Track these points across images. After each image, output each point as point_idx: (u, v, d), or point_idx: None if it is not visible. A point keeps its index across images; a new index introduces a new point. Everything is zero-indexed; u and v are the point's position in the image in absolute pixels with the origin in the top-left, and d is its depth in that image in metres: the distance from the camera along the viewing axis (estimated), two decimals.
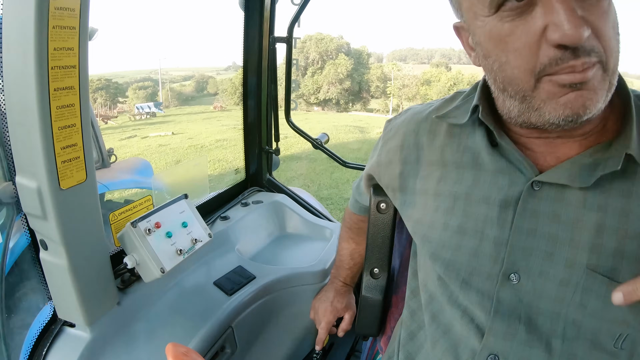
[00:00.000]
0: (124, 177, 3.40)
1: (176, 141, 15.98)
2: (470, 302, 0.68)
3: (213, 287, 1.23)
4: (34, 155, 0.78)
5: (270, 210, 1.70)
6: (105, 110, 41.29)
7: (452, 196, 0.70)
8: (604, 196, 0.59)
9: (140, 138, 18.28)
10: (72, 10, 0.74)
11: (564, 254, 0.60)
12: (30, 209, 0.85)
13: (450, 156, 0.72)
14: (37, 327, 0.96)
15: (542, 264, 0.62)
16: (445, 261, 0.70)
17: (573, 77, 0.51)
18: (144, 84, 54.74)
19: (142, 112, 33.94)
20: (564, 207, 0.60)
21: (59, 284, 0.92)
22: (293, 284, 1.34)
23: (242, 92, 1.69)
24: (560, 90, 0.52)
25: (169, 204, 1.13)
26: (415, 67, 56.36)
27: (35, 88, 0.73)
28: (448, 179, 0.71)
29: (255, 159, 1.81)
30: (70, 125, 0.80)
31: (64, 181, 0.82)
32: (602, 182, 0.58)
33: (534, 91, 0.54)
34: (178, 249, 1.08)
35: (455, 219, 0.69)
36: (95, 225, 0.93)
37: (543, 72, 0.52)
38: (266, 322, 1.30)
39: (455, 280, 0.69)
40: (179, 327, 1.07)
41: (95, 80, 46.83)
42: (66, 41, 0.75)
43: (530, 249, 0.62)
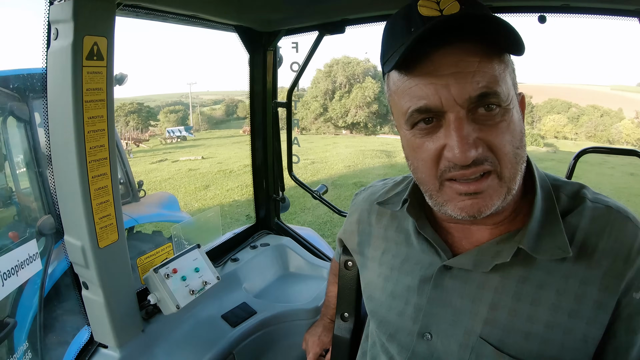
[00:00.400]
0: (152, 211, 3.74)
1: (206, 165, 16.17)
2: (395, 351, 0.82)
3: (220, 319, 1.48)
4: (79, 222, 1.08)
5: (275, 252, 1.95)
6: (137, 134, 42.14)
7: (390, 266, 0.86)
8: (501, 280, 0.70)
9: (171, 162, 18.70)
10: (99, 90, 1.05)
11: (464, 323, 0.72)
12: (75, 259, 1.15)
13: (391, 234, 0.89)
14: (76, 346, 1.24)
15: (448, 328, 0.74)
16: (379, 317, 0.86)
17: (468, 187, 0.63)
18: (175, 108, 55.78)
19: (173, 136, 34.75)
20: (468, 286, 0.73)
21: (96, 314, 1.20)
22: (289, 319, 1.57)
23: (250, 147, 1.97)
24: (458, 197, 0.65)
25: (184, 253, 1.40)
26: None
27: (78, 175, 1.04)
28: (389, 252, 0.88)
29: (264, 206, 2.08)
30: (105, 201, 1.10)
31: (101, 242, 1.12)
32: (502, 267, 0.69)
33: (438, 192, 0.67)
34: (191, 289, 1.34)
35: (390, 285, 0.84)
36: (125, 272, 1.22)
37: (443, 177, 0.65)
38: (265, 350, 1.53)
39: (384, 333, 0.84)
40: (190, 351, 1.33)
41: (127, 104, 48.37)
42: (98, 110, 1.06)
43: (440, 315, 0.75)
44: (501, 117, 0.62)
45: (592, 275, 0.66)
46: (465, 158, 0.60)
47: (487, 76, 0.60)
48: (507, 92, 0.63)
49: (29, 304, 2.23)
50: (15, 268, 1.63)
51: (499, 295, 0.70)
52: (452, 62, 0.60)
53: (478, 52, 0.61)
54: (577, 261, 0.67)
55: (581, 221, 0.69)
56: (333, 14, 1.52)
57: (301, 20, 1.60)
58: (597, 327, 0.65)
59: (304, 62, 1.74)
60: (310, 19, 1.58)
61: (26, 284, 2.24)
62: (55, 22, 0.95)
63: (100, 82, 1.01)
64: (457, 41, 0.61)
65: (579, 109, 50.24)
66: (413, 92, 0.63)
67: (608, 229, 0.68)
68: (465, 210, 0.65)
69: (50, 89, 1.02)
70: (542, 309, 0.67)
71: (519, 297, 0.68)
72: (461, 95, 0.60)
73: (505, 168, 0.63)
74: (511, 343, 0.68)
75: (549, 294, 0.67)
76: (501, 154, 0.63)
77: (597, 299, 0.65)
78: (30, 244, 1.79)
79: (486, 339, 0.70)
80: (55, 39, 0.96)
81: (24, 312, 2.16)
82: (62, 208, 1.12)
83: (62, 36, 0.95)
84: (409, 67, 0.63)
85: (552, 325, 0.66)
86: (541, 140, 38.48)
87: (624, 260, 0.66)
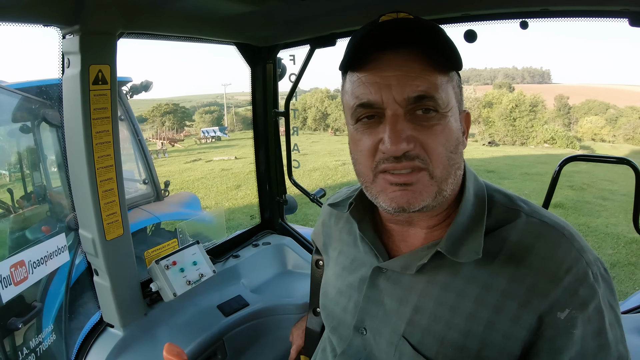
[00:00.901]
0: (174, 209, 3.99)
1: (238, 166, 16.71)
2: (336, 342, 0.90)
3: (215, 309, 1.65)
4: (89, 218, 1.28)
5: (275, 250, 2.11)
6: (172, 134, 43.67)
7: (342, 266, 0.92)
8: (426, 284, 0.74)
9: (205, 161, 19.27)
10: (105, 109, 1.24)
11: (392, 322, 0.77)
12: (87, 249, 1.35)
13: (344, 236, 0.96)
14: (89, 325, 1.45)
15: (379, 325, 0.79)
16: (327, 311, 0.93)
17: (398, 178, 0.67)
18: (210, 109, 57.08)
19: (207, 136, 35.88)
20: (397, 287, 0.77)
21: (104, 298, 1.41)
22: (279, 312, 1.72)
23: (254, 153, 2.13)
24: (390, 187, 0.69)
25: (184, 248, 1.59)
26: (477, 89, 54.76)
27: (88, 179, 1.23)
28: (342, 253, 0.95)
29: (268, 207, 2.24)
30: (111, 201, 1.30)
31: (108, 235, 1.31)
32: (429, 273, 0.74)
33: (372, 183, 0.72)
34: (188, 280, 1.53)
35: (339, 283, 0.91)
36: (129, 262, 1.41)
37: (377, 169, 0.69)
38: (254, 340, 1.69)
39: (329, 325, 0.92)
40: (185, 334, 1.50)
41: (163, 105, 50.09)
42: (104, 125, 1.25)
43: (373, 312, 0.81)
44: (437, 121, 0.67)
45: (514, 289, 0.67)
46: (396, 149, 0.65)
47: (427, 82, 0.66)
48: (446, 101, 0.68)
49: (57, 291, 2.49)
50: (44, 258, 1.83)
51: (423, 298, 0.74)
52: (397, 65, 0.66)
53: (422, 61, 0.66)
54: (501, 274, 0.68)
55: (512, 234, 0.71)
56: (322, 29, 1.63)
57: (294, 35, 1.74)
58: (514, 342, 0.66)
59: (298, 73, 1.88)
60: (302, 34, 1.71)
61: (55, 273, 2.50)
62: (67, 53, 1.15)
63: (105, 103, 1.20)
64: (405, 49, 0.67)
65: (617, 111, 47.91)
66: (359, 90, 0.69)
67: (538, 244, 0.69)
68: (395, 201, 0.68)
69: (66, 108, 1.22)
70: (459, 316, 0.70)
71: (440, 302, 0.72)
72: (400, 94, 0.65)
73: (437, 168, 0.67)
74: (428, 346, 0.72)
75: (468, 303, 0.69)
76: (433, 154, 0.67)
77: (516, 314, 0.66)
78: (59, 237, 1.97)
79: (408, 338, 0.74)
80: (68, 67, 1.16)
81: (52, 299, 2.41)
82: (77, 206, 1.33)
83: (72, 65, 1.14)
84: (359, 68, 0.69)
85: (467, 334, 0.69)
86: (577, 142, 36.89)
87: (550, 278, 0.66)
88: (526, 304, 0.66)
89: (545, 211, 0.75)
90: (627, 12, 1.10)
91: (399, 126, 0.66)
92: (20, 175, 3.34)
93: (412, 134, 0.66)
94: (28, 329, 2.30)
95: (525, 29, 1.25)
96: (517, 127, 38.44)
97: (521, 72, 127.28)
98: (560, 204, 9.75)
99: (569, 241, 0.69)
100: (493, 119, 40.87)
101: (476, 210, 0.74)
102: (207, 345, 1.49)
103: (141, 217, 3.68)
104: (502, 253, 0.70)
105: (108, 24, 1.17)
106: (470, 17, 1.32)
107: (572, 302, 0.65)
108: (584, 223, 8.31)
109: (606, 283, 0.69)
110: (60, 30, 1.15)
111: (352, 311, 0.85)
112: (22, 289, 1.73)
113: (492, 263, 0.70)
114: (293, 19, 1.57)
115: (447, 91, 0.69)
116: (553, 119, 49.68)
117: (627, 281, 5.63)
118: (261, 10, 1.41)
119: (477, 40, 1.27)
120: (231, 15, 1.45)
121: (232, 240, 2.08)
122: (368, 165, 0.71)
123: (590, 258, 0.69)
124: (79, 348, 1.40)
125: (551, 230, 0.70)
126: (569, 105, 53.31)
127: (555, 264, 0.66)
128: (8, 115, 3.03)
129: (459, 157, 0.71)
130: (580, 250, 0.69)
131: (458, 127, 0.71)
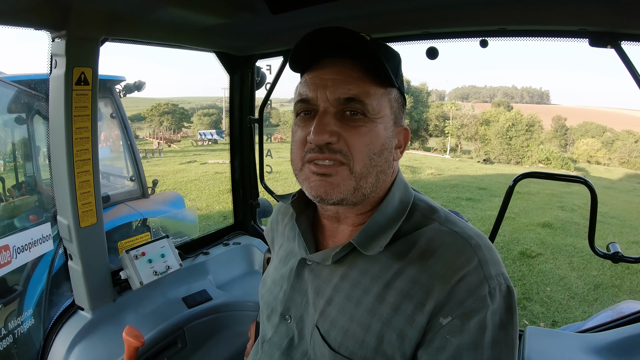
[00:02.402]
0: (158, 207, 4.07)
1: None
2: (267, 328, 0.93)
3: (180, 301, 1.76)
4: (66, 206, 1.40)
5: (244, 250, 2.21)
6: (169, 134, 43.44)
7: (279, 258, 0.97)
8: (340, 279, 0.79)
9: (200, 164, 19.22)
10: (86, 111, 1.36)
11: (310, 311, 0.82)
12: (63, 235, 1.47)
13: (287, 231, 0.99)
14: (63, 307, 1.55)
15: (300, 314, 0.84)
16: (264, 300, 0.96)
17: (319, 169, 0.74)
18: (209, 111, 56.70)
19: (204, 139, 35.85)
20: (317, 280, 0.82)
21: (76, 282, 1.52)
22: (240, 308, 1.83)
23: (230, 156, 2.24)
24: (312, 176, 0.75)
25: (153, 241, 1.70)
26: (476, 106, 55.13)
27: (67, 169, 1.35)
28: (282, 247, 0.99)
29: (241, 209, 2.35)
30: (87, 192, 1.41)
31: (82, 222, 1.42)
32: (345, 269, 0.79)
33: (300, 171, 0.78)
34: (154, 270, 1.64)
35: (275, 274, 0.95)
36: (101, 249, 1.53)
37: (305, 158, 0.76)
38: (215, 332, 1.79)
39: (264, 313, 0.95)
40: (149, 321, 1.60)
41: (162, 104, 49.79)
42: (84, 122, 1.36)
43: (296, 301, 0.85)
44: (363, 124, 0.74)
45: (413, 291, 0.71)
46: (319, 139, 0.72)
47: (360, 88, 0.74)
48: (377, 108, 0.75)
49: (39, 278, 2.57)
50: (28, 245, 1.90)
51: (335, 292, 0.79)
52: (337, 71, 0.75)
53: (361, 71, 0.75)
54: (403, 274, 0.73)
55: (421, 238, 0.75)
56: (294, 41, 1.73)
57: (268, 46, 1.87)
58: (407, 342, 0.70)
59: (272, 82, 2.01)
60: (276, 46, 1.84)
61: (39, 261, 2.58)
62: (55, 55, 1.28)
63: (86, 102, 1.33)
64: (350, 60, 0.75)
65: (613, 134, 48.27)
66: (302, 88, 0.78)
67: (441, 249, 0.72)
68: (315, 190, 0.75)
69: (51, 105, 1.34)
70: (361, 311, 0.74)
71: (348, 297, 0.77)
72: (333, 94, 0.74)
73: (357, 164, 0.73)
74: (334, 336, 0.76)
75: (370, 299, 0.74)
76: (355, 151, 0.73)
77: (411, 314, 0.70)
78: (45, 226, 2.04)
79: (319, 328, 0.79)
80: (55, 67, 1.28)
81: (34, 285, 2.49)
82: (56, 194, 1.45)
83: (59, 66, 1.27)
84: (306, 70, 0.80)
85: (367, 329, 0.73)
86: (572, 164, 37.29)
87: (443, 283, 0.69)
88: (421, 306, 0.69)
89: (462, 223, 0.78)
90: (585, 32, 1.12)
91: (326, 120, 0.73)
92: (13, 165, 3.43)
93: (337, 130, 0.73)
94: (10, 312, 2.38)
95: (485, 47, 1.30)
96: (513, 146, 38.77)
97: (520, 92, 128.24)
98: (549, 223, 9.83)
99: (472, 250, 0.71)
100: (489, 137, 41.14)
101: (396, 214, 0.80)
102: (168, 332, 1.59)
103: (125, 212, 3.77)
104: (409, 255, 0.74)
105: (92, 30, 1.30)
106: (431, 35, 1.42)
107: (456, 310, 0.68)
108: (571, 244, 8.32)
109: (504, 300, 0.70)
110: (50, 34, 1.28)
111: (281, 299, 0.89)
112: (5, 272, 1.81)
113: (398, 263, 0.74)
114: (265, 31, 1.69)
115: (381, 101, 0.76)
116: (549, 140, 50.13)
117: (610, 302, 5.63)
118: (235, 23, 1.53)
119: (438, 57, 1.34)
120: (208, 26, 1.57)
121: (204, 238, 2.19)
122: (299, 154, 0.78)
123: (492, 272, 0.70)
124: (50, 328, 1.51)
125: (457, 239, 0.73)
126: (566, 126, 53.72)
127: (451, 270, 0.69)
128: (3, 106, 3.13)
129: (383, 162, 0.76)
130: (483, 262, 0.71)
131: (387, 135, 0.77)
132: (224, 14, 1.42)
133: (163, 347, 1.59)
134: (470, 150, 45.24)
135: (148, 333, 1.52)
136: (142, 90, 4.06)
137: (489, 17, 1.23)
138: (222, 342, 1.80)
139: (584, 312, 5.33)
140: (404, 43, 1.49)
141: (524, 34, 1.25)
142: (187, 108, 58.55)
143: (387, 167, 0.79)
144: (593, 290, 6.06)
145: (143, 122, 49.47)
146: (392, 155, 0.80)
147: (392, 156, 0.80)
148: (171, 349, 1.63)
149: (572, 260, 7.35)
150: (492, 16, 1.22)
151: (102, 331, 1.51)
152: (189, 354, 1.69)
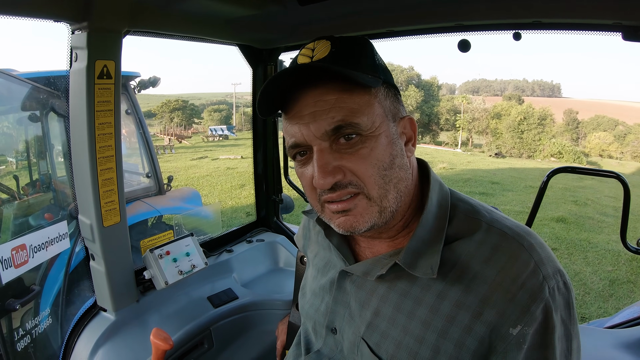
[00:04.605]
0: (175, 204, 4.07)
1: (244, 165, 16.70)
2: (314, 339, 0.93)
3: (205, 300, 1.71)
4: (89, 204, 1.35)
5: (268, 248, 2.16)
6: (180, 130, 43.74)
7: (317, 268, 0.96)
8: (387, 290, 0.77)
9: (211, 159, 19.36)
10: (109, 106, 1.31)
11: (355, 323, 0.81)
12: (85, 235, 1.41)
13: (321, 239, 0.98)
14: (84, 308, 1.51)
15: (345, 326, 0.83)
16: (304, 311, 0.97)
17: (337, 206, 0.72)
18: (219, 107, 57.33)
19: (215, 134, 36.03)
20: (361, 291, 0.81)
21: (99, 282, 1.47)
22: (267, 307, 1.78)
23: (253, 153, 2.19)
24: (334, 215, 0.74)
25: (178, 239, 1.65)
26: (487, 100, 54.63)
27: (89, 167, 1.29)
28: (318, 255, 0.98)
29: (264, 206, 2.30)
30: (110, 190, 1.36)
31: (105, 222, 1.37)
32: (389, 279, 0.77)
33: (322, 212, 0.76)
34: (180, 270, 1.59)
35: (314, 284, 0.95)
36: (124, 249, 1.47)
37: (321, 200, 0.74)
38: (242, 332, 1.74)
39: (307, 324, 0.96)
40: (174, 322, 1.56)
41: (172, 101, 50.30)
42: (106, 117, 1.31)
43: (340, 313, 0.85)
44: (362, 145, 0.69)
45: (468, 301, 0.68)
46: (324, 183, 0.69)
47: (343, 110, 0.68)
48: (369, 122, 0.69)
49: (56, 277, 2.55)
50: (45, 244, 1.88)
51: (382, 303, 0.77)
52: (312, 102, 0.70)
53: (337, 89, 0.69)
54: (455, 284, 0.70)
55: (470, 245, 0.72)
56: (321, 33, 1.67)
57: (294, 39, 1.79)
58: (466, 352, 0.68)
59: None
60: (302, 38, 1.75)
61: (55, 259, 2.56)
62: (75, 48, 1.22)
63: (108, 96, 1.27)
64: (319, 82, 0.70)
65: (626, 127, 47.68)
66: (287, 131, 0.75)
67: (496, 257, 0.69)
68: (342, 226, 0.73)
69: (72, 100, 1.29)
70: (415, 323, 0.72)
71: (398, 308, 0.75)
72: (318, 130, 0.69)
73: (372, 189, 0.70)
74: (385, 348, 0.75)
75: (424, 310, 0.72)
76: (365, 177, 0.69)
77: (468, 325, 0.67)
78: (61, 224, 2.02)
79: (367, 340, 0.78)
80: (75, 61, 1.22)
81: (51, 284, 2.48)
82: (77, 192, 1.39)
83: (80, 59, 1.21)
84: (285, 110, 0.75)
85: (422, 340, 0.71)
86: (584, 158, 36.86)
87: (504, 294, 0.66)
88: (478, 315, 0.67)
89: (508, 220, 0.75)
90: (620, 26, 1.10)
91: (323, 160, 0.69)
92: (27, 163, 3.42)
93: (339, 164, 0.70)
94: (26, 312, 2.37)
95: (519, 40, 1.26)
96: (525, 140, 38.39)
97: (531, 85, 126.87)
98: (563, 218, 9.70)
99: (527, 253, 0.69)
100: (501, 131, 40.78)
101: (438, 221, 0.76)
102: (194, 333, 1.54)
103: (142, 209, 3.76)
104: (458, 264, 0.71)
105: (115, 22, 1.24)
106: (464, 27, 1.35)
107: (524, 318, 0.65)
108: (585, 238, 8.26)
109: (563, 297, 0.68)
110: (70, 26, 1.22)
111: (324, 312, 0.88)
112: (22, 271, 1.79)
113: (448, 273, 0.71)
114: (292, 24, 1.63)
115: (371, 111, 0.70)
116: (561, 133, 49.54)
117: (625, 298, 5.59)
118: (261, 14, 1.47)
119: (470, 49, 1.30)
120: (233, 18, 1.51)
121: (227, 235, 2.14)
122: (314, 197, 0.76)
123: (549, 271, 0.68)
124: (72, 329, 1.47)
125: (510, 242, 0.70)
126: (577, 120, 53.11)
127: (510, 278, 0.67)
128: (18, 104, 3.11)
129: (396, 171, 0.72)
130: (539, 262, 0.68)
131: (391, 143, 0.72)
132: (251, 5, 1.36)
133: (190, 348, 1.54)
134: (481, 144, 44.85)
135: (174, 334, 1.47)
136: (157, 86, 4.02)
137: (525, 10, 1.17)
138: (249, 342, 1.76)
139: (600, 308, 5.25)
140: (434, 35, 1.41)
141: (558, 27, 1.21)
142: (197, 104, 58.91)
143: (404, 172, 0.75)
144: (608, 286, 5.94)
145: (154, 118, 49.83)
146: (404, 157, 0.75)
147: (405, 156, 0.75)
148: (198, 350, 1.59)
149: (586, 255, 7.25)
150: (528, 8, 1.16)
151: (126, 333, 1.47)
152: (216, 355, 1.65)
